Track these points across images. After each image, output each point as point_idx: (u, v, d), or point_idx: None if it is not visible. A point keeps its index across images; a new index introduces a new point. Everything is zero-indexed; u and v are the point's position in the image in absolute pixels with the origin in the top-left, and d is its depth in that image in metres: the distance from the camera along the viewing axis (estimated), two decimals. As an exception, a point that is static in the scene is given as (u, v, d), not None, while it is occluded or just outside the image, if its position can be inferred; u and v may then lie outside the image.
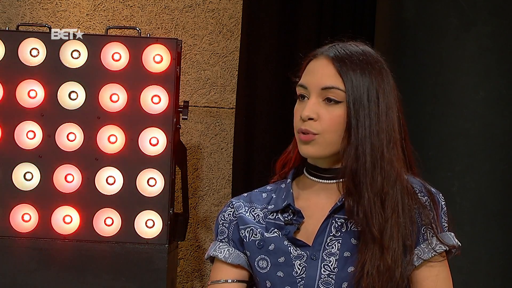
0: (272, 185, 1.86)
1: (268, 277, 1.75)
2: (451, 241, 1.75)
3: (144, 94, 3.46)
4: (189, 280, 4.40)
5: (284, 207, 1.77)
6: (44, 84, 3.46)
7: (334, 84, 1.72)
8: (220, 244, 1.83)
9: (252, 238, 1.78)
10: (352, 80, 1.71)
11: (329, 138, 1.72)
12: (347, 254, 1.70)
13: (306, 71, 1.77)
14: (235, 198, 1.86)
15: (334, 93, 1.71)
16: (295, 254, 1.73)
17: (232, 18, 4.42)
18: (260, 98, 4.17)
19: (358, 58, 1.74)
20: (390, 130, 1.73)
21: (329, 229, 1.72)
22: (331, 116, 1.71)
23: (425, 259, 1.71)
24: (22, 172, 3.44)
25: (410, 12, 3.14)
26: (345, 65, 1.72)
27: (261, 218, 1.80)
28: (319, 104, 1.72)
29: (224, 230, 1.83)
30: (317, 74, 1.74)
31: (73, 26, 4.31)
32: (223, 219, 1.84)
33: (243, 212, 1.82)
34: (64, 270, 3.41)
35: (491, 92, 3.03)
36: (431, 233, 1.72)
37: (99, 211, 3.44)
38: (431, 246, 1.72)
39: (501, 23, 3.04)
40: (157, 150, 3.45)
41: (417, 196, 1.73)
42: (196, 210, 4.41)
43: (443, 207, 1.77)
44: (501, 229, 3.01)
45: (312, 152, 1.73)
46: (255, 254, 1.77)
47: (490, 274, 3.01)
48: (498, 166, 3.02)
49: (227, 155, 4.40)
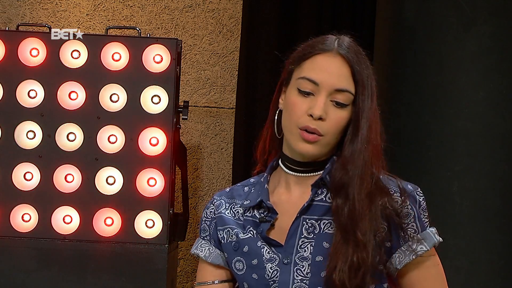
0: (256, 178, 1.83)
1: (244, 279, 1.74)
2: (432, 239, 1.71)
3: (144, 94, 3.46)
4: (189, 280, 4.40)
5: (259, 203, 1.75)
6: (44, 84, 3.46)
7: (348, 88, 1.69)
8: (202, 242, 1.83)
9: (229, 239, 1.77)
10: (364, 85, 1.69)
11: (330, 139, 1.70)
12: (319, 258, 1.67)
13: (316, 66, 1.71)
14: (217, 194, 1.84)
15: (345, 96, 1.68)
16: (267, 257, 1.71)
17: (232, 18, 4.42)
18: (260, 98, 4.17)
19: (365, 63, 1.72)
20: (378, 134, 1.71)
21: (300, 231, 1.70)
22: (336, 118, 1.69)
23: (407, 262, 1.69)
24: (22, 172, 3.44)
25: (410, 12, 3.14)
26: (360, 69, 1.70)
27: (240, 214, 1.78)
28: (328, 104, 1.69)
29: (206, 228, 1.82)
30: (332, 73, 1.69)
31: (73, 26, 4.31)
32: (205, 217, 1.83)
33: (223, 211, 1.80)
34: (64, 270, 3.41)
35: (491, 92, 3.03)
36: (411, 234, 1.69)
37: (99, 211, 3.44)
38: (412, 248, 1.68)
39: (501, 23, 3.04)
40: (157, 150, 3.45)
41: (391, 197, 1.69)
42: (196, 210, 4.41)
43: (421, 203, 1.72)
44: (501, 229, 3.01)
45: (312, 152, 1.70)
46: (232, 255, 1.76)
47: (490, 274, 3.01)
48: (498, 166, 3.01)
49: (227, 155, 4.40)
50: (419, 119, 3.09)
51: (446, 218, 2.96)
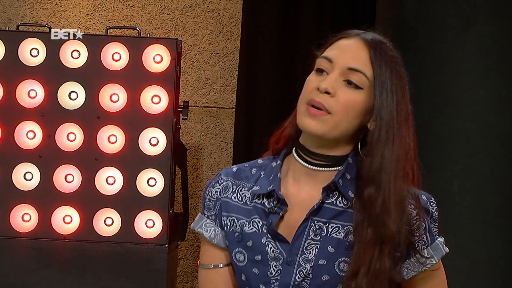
0: (264, 160, 1.76)
1: (244, 270, 1.69)
2: (441, 251, 1.70)
3: (144, 94, 3.46)
4: (189, 280, 4.40)
5: (270, 191, 1.68)
6: (44, 84, 3.46)
7: (362, 69, 1.62)
8: (207, 220, 1.76)
9: (232, 229, 1.71)
10: (383, 71, 1.63)
11: (337, 120, 1.61)
12: (322, 262, 1.64)
13: (334, 45, 1.66)
14: (224, 173, 1.77)
15: (359, 77, 1.62)
16: (272, 255, 1.66)
17: (232, 18, 4.42)
18: (260, 98, 4.17)
19: (391, 55, 1.67)
20: (407, 137, 1.70)
21: (307, 232, 1.66)
22: (347, 98, 1.61)
23: (415, 274, 1.68)
24: (22, 172, 3.44)
25: (410, 12, 3.14)
26: (380, 54, 1.64)
27: (247, 199, 1.71)
28: (339, 82, 1.62)
29: (211, 207, 1.76)
30: (347, 52, 1.64)
31: (73, 26, 4.31)
32: (210, 195, 1.76)
33: (229, 195, 1.73)
34: (64, 270, 3.41)
35: (491, 92, 3.03)
36: (421, 247, 1.67)
37: (99, 211, 3.44)
38: (420, 261, 1.67)
39: (501, 23, 3.04)
40: (157, 150, 3.45)
41: (407, 209, 1.65)
42: (196, 210, 4.40)
43: (434, 214, 1.70)
44: (501, 229, 3.01)
45: (313, 128, 1.62)
46: (233, 246, 1.71)
47: (490, 274, 3.01)
48: (498, 166, 3.01)
49: (227, 155, 4.40)
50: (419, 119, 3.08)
51: (446, 218, 2.94)
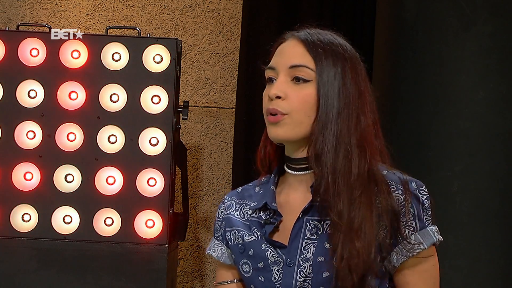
0: (267, 176, 1.81)
1: (251, 281, 1.74)
2: (431, 238, 1.67)
3: (144, 94, 3.46)
4: (189, 280, 4.40)
5: (264, 204, 1.73)
6: (44, 84, 3.46)
7: (302, 63, 1.67)
8: (215, 242, 1.83)
9: (235, 241, 1.77)
10: (322, 59, 1.66)
11: (297, 118, 1.66)
12: (320, 259, 1.65)
13: (275, 54, 1.74)
14: (229, 195, 1.84)
15: (303, 72, 1.67)
16: (272, 260, 1.70)
17: (232, 18, 4.42)
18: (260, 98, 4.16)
19: (329, 41, 1.69)
20: (360, 115, 1.67)
21: (303, 232, 1.68)
22: (299, 95, 1.66)
23: (404, 260, 1.66)
24: (22, 172, 3.44)
25: (410, 12, 3.14)
26: (316, 45, 1.68)
27: (249, 215, 1.78)
28: (287, 84, 1.68)
29: (218, 228, 1.83)
30: (285, 53, 1.70)
31: (73, 26, 4.31)
32: (218, 217, 1.83)
33: (232, 212, 1.80)
34: (64, 270, 3.41)
35: (491, 92, 3.03)
36: (409, 232, 1.65)
37: (99, 211, 3.44)
38: (408, 247, 1.65)
39: (501, 23, 3.04)
40: (157, 150, 3.45)
41: (391, 195, 1.64)
42: (196, 210, 4.41)
43: (425, 202, 1.68)
44: (501, 229, 3.01)
45: (280, 134, 1.67)
46: (238, 257, 1.76)
47: (490, 274, 3.01)
48: (498, 166, 3.02)
49: (227, 155, 4.40)
50: (419, 119, 3.09)
51: (446, 218, 2.96)
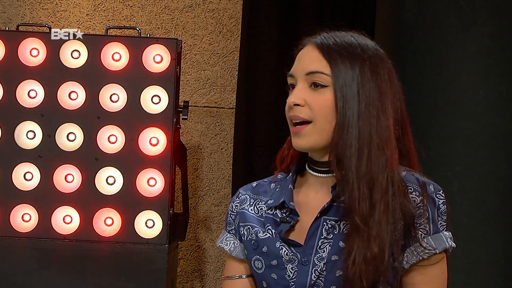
0: (283, 174, 1.81)
1: (263, 277, 1.73)
2: (443, 243, 1.67)
3: (144, 94, 3.46)
4: (189, 280, 4.40)
5: (281, 203, 1.74)
6: (44, 84, 3.46)
7: (318, 69, 1.68)
8: (227, 235, 1.82)
9: (248, 237, 1.77)
10: (338, 63, 1.66)
11: (321, 126, 1.66)
12: (335, 257, 1.65)
13: (295, 61, 1.75)
14: (243, 188, 1.83)
15: (319, 78, 1.67)
16: (286, 258, 1.69)
17: (232, 18, 4.42)
18: (260, 98, 4.18)
19: (346, 43, 1.69)
20: (381, 115, 1.66)
21: (320, 231, 1.68)
22: (318, 101, 1.67)
23: (413, 262, 1.66)
24: (22, 172, 3.44)
25: (410, 12, 3.14)
26: (331, 49, 1.68)
27: (263, 212, 1.77)
28: (306, 90, 1.69)
29: (231, 222, 1.82)
30: (302, 60, 1.72)
31: (73, 26, 4.31)
32: (231, 211, 1.82)
33: (246, 207, 1.79)
34: (64, 270, 3.41)
35: (491, 92, 3.03)
36: (422, 234, 1.65)
37: (99, 211, 3.44)
38: (419, 249, 1.65)
39: (501, 23, 3.04)
40: (157, 150, 3.45)
41: (408, 197, 1.64)
42: (196, 210, 4.41)
43: (441, 206, 1.69)
44: (501, 229, 3.01)
45: (303, 145, 1.68)
46: (251, 253, 1.76)
47: (490, 274, 3.01)
48: (498, 166, 3.01)
49: (227, 155, 4.40)
50: (419, 119, 3.09)
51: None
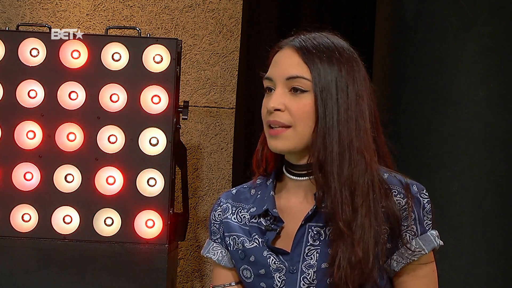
0: (262, 179, 1.79)
1: (252, 286, 1.72)
2: (432, 243, 1.67)
3: (144, 94, 3.46)
4: (189, 280, 4.40)
5: (265, 211, 1.72)
6: (44, 84, 3.46)
7: (298, 74, 1.67)
8: (214, 244, 1.81)
9: (235, 247, 1.75)
10: (318, 68, 1.66)
11: (301, 130, 1.65)
12: (325, 265, 1.64)
13: (272, 63, 1.72)
14: (224, 196, 1.81)
15: (300, 83, 1.66)
16: (274, 266, 1.68)
17: (232, 18, 4.42)
18: (260, 98, 4.16)
19: (324, 47, 1.68)
20: (359, 119, 1.65)
21: (306, 238, 1.67)
22: (298, 106, 1.65)
23: (403, 265, 1.66)
24: (22, 172, 3.44)
25: (410, 12, 3.14)
26: (311, 53, 1.67)
27: (246, 220, 1.76)
28: (285, 95, 1.67)
29: (215, 231, 1.80)
30: (281, 64, 1.70)
31: (73, 26, 4.31)
32: (214, 219, 1.80)
33: (229, 216, 1.78)
34: (64, 270, 3.41)
35: (491, 92, 3.03)
36: (410, 236, 1.65)
37: (99, 211, 3.44)
38: (409, 252, 1.64)
39: (501, 23, 3.04)
40: (157, 150, 3.45)
41: (392, 199, 1.64)
42: (196, 210, 4.41)
43: (425, 206, 1.68)
44: (501, 229, 3.01)
45: (280, 146, 1.67)
46: (239, 263, 1.75)
47: (490, 274, 3.01)
48: (498, 166, 3.01)
49: (227, 155, 4.40)
50: (419, 119, 3.09)
51: (446, 218, 2.96)
